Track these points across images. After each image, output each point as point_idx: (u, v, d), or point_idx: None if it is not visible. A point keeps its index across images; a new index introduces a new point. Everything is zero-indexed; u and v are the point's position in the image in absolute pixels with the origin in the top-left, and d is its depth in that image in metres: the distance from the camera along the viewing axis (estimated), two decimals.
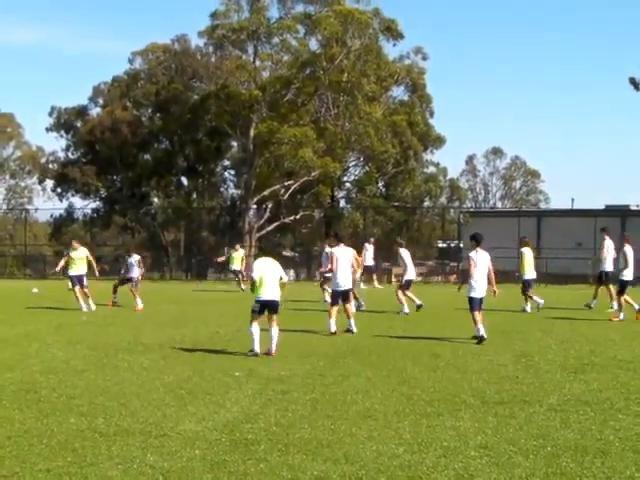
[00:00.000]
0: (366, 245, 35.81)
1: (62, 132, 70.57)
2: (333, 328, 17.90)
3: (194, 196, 69.59)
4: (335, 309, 18.36)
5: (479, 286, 16.73)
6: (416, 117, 60.97)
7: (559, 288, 38.78)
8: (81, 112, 69.72)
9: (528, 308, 23.79)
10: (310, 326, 18.71)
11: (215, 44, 56.61)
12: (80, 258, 24.71)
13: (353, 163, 64.35)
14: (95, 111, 69.90)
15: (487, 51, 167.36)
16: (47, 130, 70.65)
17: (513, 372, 12.66)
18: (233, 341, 16.39)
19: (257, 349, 14.40)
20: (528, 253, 24.48)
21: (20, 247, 66.56)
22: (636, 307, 21.67)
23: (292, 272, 53.86)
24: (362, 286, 29.94)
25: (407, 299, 23.06)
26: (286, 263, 60.06)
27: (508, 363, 13.59)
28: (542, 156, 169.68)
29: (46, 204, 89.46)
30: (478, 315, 16.44)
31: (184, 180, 69.32)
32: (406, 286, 23.56)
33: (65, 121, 70.12)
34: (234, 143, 64.91)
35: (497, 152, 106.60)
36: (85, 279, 24.47)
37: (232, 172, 71.31)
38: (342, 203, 66.46)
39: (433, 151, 66.10)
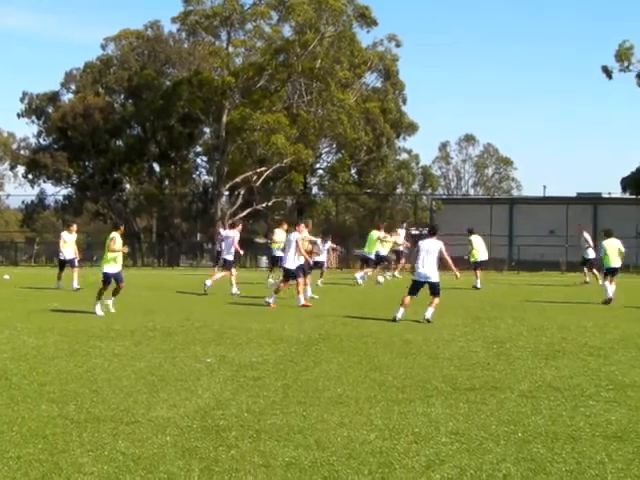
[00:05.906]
0: (398, 231, 34.82)
1: (33, 118, 70.17)
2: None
3: (166, 183, 69.35)
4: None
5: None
6: (389, 104, 61.28)
7: (532, 275, 39.02)
8: (53, 98, 69.32)
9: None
10: (288, 314, 18.61)
11: (188, 30, 56.49)
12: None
13: (326, 150, 64.59)
14: (67, 97, 69.70)
15: (461, 38, 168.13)
16: (18, 116, 70.30)
17: (484, 359, 12.67)
18: (205, 327, 16.33)
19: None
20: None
21: None
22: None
23: (265, 258, 53.72)
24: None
25: None
26: (259, 250, 60.23)
27: (479, 350, 13.60)
28: (514, 144, 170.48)
29: (17, 190, 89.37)
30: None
31: (156, 166, 69.11)
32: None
33: (37, 107, 69.69)
34: (206, 130, 64.95)
35: (470, 139, 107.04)
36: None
37: (204, 159, 71.21)
38: (315, 190, 66.74)
39: (406, 138, 66.79)
